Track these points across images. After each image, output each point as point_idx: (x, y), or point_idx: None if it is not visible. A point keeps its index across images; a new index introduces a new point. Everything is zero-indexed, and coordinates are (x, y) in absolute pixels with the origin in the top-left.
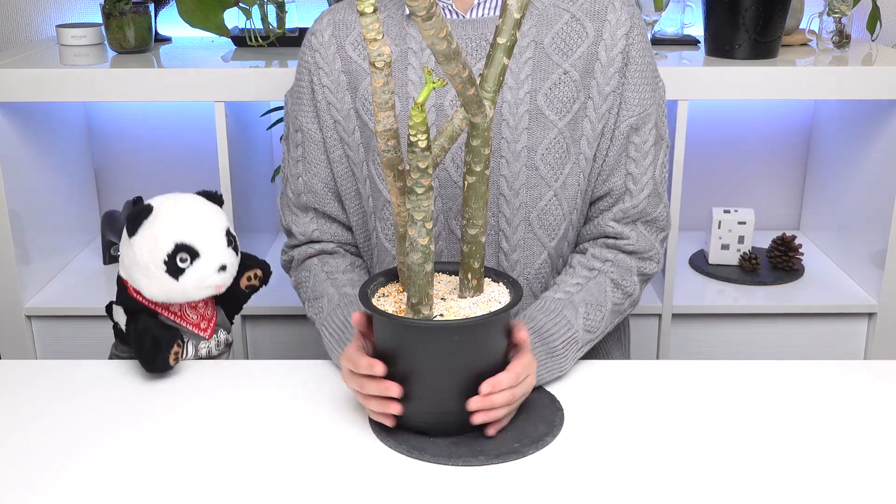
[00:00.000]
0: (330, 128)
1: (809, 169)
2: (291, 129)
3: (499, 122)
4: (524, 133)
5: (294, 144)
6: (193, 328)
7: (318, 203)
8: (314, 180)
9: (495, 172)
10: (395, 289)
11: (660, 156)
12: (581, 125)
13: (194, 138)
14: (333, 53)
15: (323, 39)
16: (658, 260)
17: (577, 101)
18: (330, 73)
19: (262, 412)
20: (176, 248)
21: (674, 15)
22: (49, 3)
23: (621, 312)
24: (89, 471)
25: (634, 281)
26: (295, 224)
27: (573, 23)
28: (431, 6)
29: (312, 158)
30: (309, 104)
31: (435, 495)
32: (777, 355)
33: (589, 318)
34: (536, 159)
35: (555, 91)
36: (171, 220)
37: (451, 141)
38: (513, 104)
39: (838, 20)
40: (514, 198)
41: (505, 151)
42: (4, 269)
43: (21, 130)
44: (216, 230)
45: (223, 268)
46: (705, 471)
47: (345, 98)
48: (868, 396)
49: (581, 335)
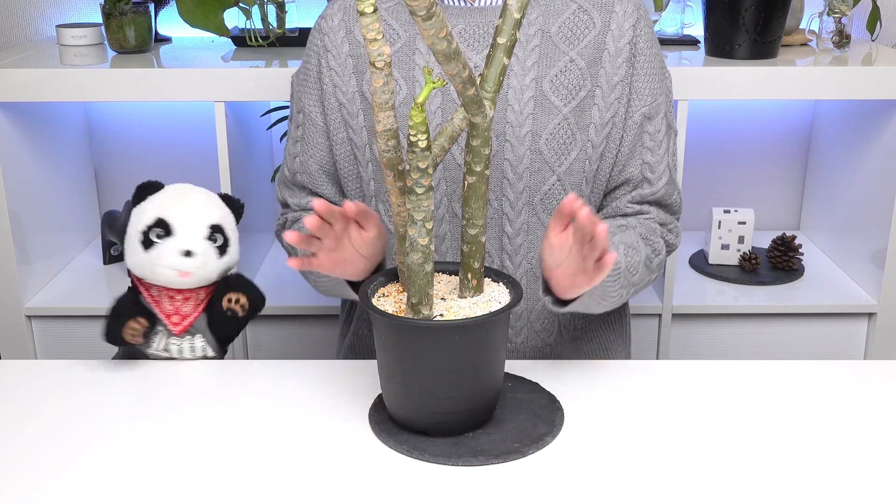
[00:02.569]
0: (335, 110)
1: (809, 169)
2: (294, 109)
3: (504, 107)
4: (529, 118)
5: (295, 125)
6: (164, 317)
7: (311, 184)
8: (310, 161)
9: (499, 156)
10: (395, 289)
11: (671, 145)
12: (588, 112)
13: (194, 138)
14: (342, 37)
15: (332, 24)
16: (678, 234)
17: (584, 89)
18: (337, 55)
19: (262, 412)
20: (155, 223)
21: (674, 15)
22: (49, 3)
23: (651, 269)
24: (89, 471)
25: (660, 242)
26: (290, 196)
27: (580, 13)
28: (431, 6)
29: (310, 140)
30: (314, 87)
31: (435, 495)
32: (777, 355)
33: (629, 256)
34: (540, 144)
35: (560, 78)
36: (164, 198)
37: (451, 141)
38: (518, 90)
39: (838, 20)
40: (518, 181)
41: (510, 135)
42: (4, 269)
43: (21, 130)
44: (200, 218)
45: (188, 253)
46: (705, 471)
47: (350, 81)
48: (868, 396)
49: (624, 271)
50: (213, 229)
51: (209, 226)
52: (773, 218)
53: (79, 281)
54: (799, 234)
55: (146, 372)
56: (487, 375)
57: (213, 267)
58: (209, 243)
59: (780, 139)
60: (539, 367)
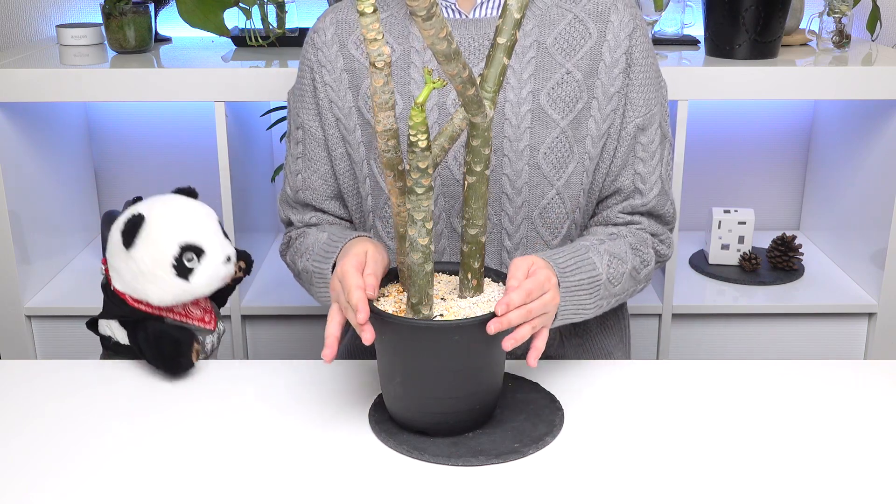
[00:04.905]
0: (332, 125)
1: (809, 169)
2: (293, 126)
3: (501, 121)
4: (527, 132)
5: (294, 142)
6: (199, 323)
7: (315, 200)
8: (314, 177)
9: (497, 171)
10: (395, 289)
11: (665, 155)
12: (585, 124)
13: (194, 138)
14: (336, 52)
15: (325, 38)
16: (670, 244)
17: (581, 101)
18: (332, 70)
19: (262, 412)
20: (181, 250)
21: (674, 15)
22: (49, 3)
23: (637, 280)
24: (89, 470)
25: (650, 253)
26: (293, 214)
27: (576, 23)
28: (432, 6)
29: (313, 155)
30: (311, 102)
31: (435, 495)
32: (777, 355)
33: (612, 267)
34: (539, 158)
35: (557, 91)
36: (168, 223)
37: (451, 141)
38: (515, 104)
39: (838, 20)
40: (517, 196)
41: (507, 150)
42: (4, 269)
43: (21, 130)
44: (211, 224)
45: (228, 258)
46: (705, 471)
47: (346, 96)
48: (868, 396)
49: (605, 282)
50: (220, 225)
51: (217, 223)
52: (773, 218)
53: (79, 281)
54: (799, 234)
55: (146, 372)
56: (487, 375)
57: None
58: (227, 239)
59: (780, 139)
60: (539, 367)
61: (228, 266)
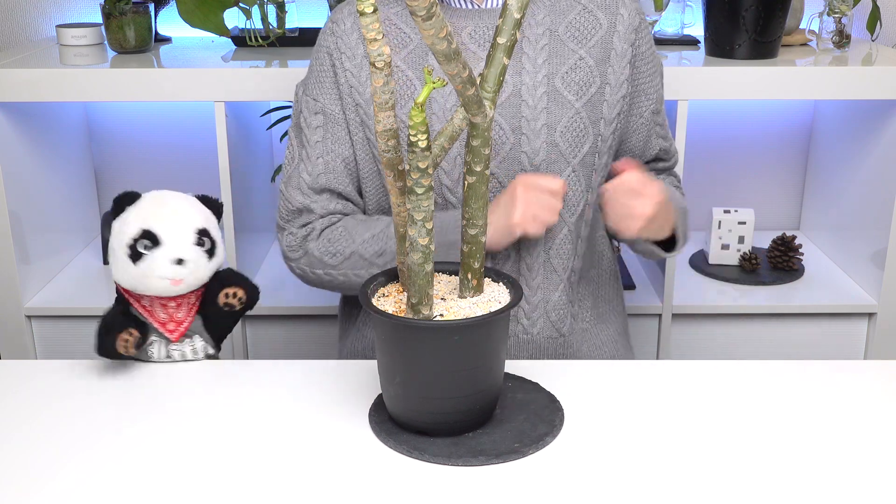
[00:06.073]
0: (352, 110)
1: (809, 169)
2: (308, 113)
3: (518, 103)
4: (543, 112)
5: (312, 128)
6: (159, 326)
7: (338, 184)
8: (337, 160)
9: (516, 149)
10: (395, 289)
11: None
12: (599, 108)
13: (194, 138)
14: (356, 40)
15: (345, 27)
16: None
17: (594, 85)
18: (353, 57)
19: (262, 412)
20: (141, 234)
21: (674, 15)
22: (49, 3)
23: (685, 216)
24: (89, 470)
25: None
26: (314, 202)
27: (585, 13)
28: (431, 6)
29: (335, 138)
30: (331, 86)
31: (435, 495)
32: (777, 355)
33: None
34: (556, 136)
35: (571, 75)
36: (146, 207)
37: (451, 141)
38: (531, 87)
39: (838, 20)
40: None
41: (525, 129)
42: (4, 269)
43: (21, 130)
44: (186, 225)
45: (180, 261)
46: (705, 471)
47: (367, 83)
48: (868, 396)
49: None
50: (200, 234)
51: (196, 231)
52: (773, 218)
53: (79, 281)
54: (799, 234)
55: (146, 372)
56: (487, 375)
57: (204, 271)
58: (198, 248)
59: (780, 139)
60: (539, 367)
61: (178, 269)
